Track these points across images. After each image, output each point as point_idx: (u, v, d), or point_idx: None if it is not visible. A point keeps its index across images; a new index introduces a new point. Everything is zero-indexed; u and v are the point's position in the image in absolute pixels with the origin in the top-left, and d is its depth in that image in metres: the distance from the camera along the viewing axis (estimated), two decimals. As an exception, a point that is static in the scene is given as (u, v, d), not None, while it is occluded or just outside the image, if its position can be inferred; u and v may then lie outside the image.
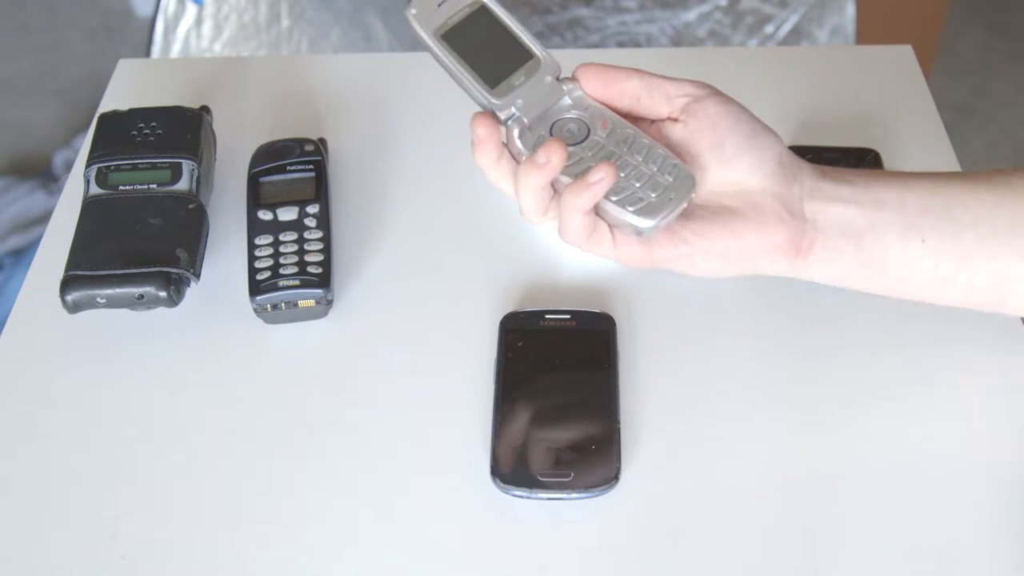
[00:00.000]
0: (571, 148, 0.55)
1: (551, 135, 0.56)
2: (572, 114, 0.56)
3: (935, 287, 0.57)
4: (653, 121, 0.57)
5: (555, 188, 0.55)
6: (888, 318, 0.68)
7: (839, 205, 0.56)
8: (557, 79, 0.56)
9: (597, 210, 0.54)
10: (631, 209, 0.53)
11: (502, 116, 0.55)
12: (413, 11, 0.55)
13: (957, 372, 0.65)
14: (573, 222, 0.53)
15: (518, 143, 0.55)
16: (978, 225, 0.56)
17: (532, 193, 0.53)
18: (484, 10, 0.56)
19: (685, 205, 0.54)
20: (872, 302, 0.69)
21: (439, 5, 0.55)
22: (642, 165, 0.54)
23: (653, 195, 0.53)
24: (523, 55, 0.56)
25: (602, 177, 0.51)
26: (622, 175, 0.54)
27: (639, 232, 0.54)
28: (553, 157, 0.52)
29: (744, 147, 0.55)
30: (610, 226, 0.55)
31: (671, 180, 0.54)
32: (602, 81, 0.56)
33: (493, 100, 0.55)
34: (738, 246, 0.55)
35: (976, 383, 0.64)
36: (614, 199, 0.53)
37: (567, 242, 0.55)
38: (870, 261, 0.56)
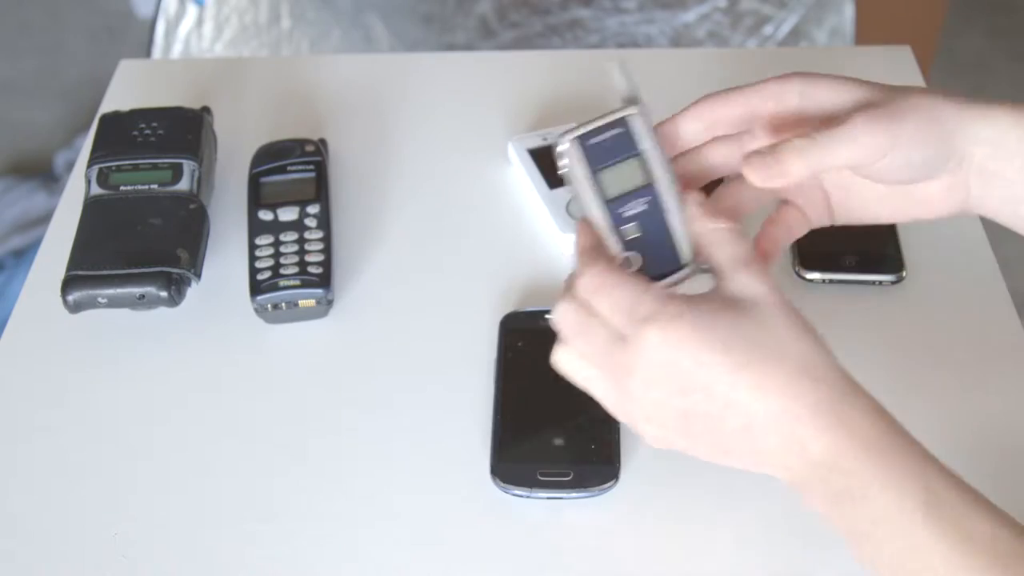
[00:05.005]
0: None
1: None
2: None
3: None
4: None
5: None
6: (885, 322, 0.68)
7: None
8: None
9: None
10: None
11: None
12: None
13: (958, 380, 0.65)
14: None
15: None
16: None
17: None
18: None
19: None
20: (869, 301, 0.69)
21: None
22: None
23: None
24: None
25: None
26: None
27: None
28: None
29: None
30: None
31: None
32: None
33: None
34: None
35: (978, 390, 0.65)
36: None
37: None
38: None
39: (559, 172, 0.53)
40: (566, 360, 0.52)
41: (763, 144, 0.54)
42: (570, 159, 0.52)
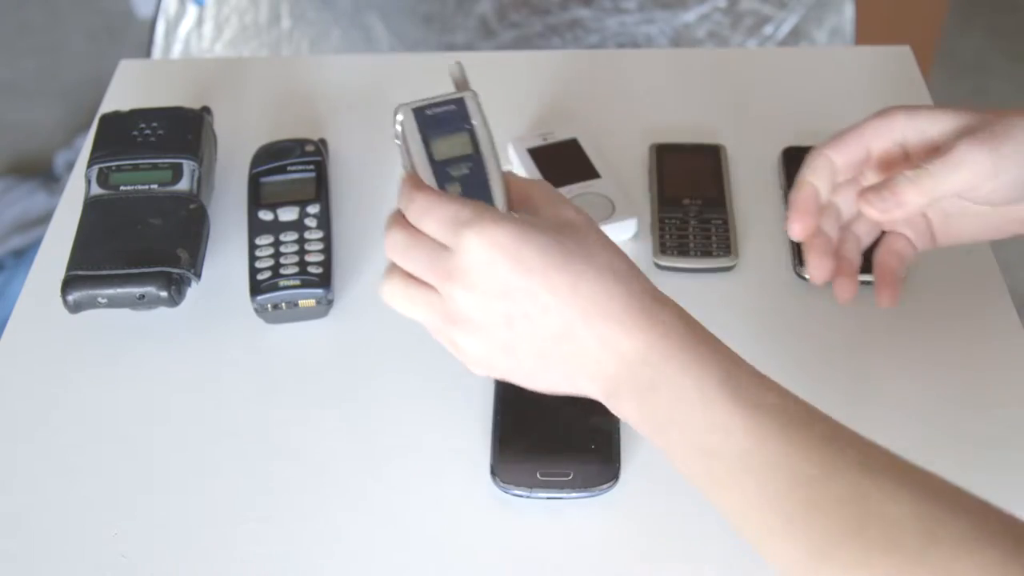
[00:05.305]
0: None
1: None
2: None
3: None
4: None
5: None
6: (885, 322, 0.68)
7: None
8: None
9: None
10: None
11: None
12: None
13: (958, 379, 0.65)
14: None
15: None
16: None
17: None
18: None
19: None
20: (869, 301, 0.69)
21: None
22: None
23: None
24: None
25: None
26: None
27: None
28: None
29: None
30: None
31: None
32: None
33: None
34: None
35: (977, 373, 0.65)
36: None
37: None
38: None
39: (394, 138, 0.60)
40: (391, 289, 0.54)
41: (874, 182, 0.58)
42: (405, 122, 0.59)
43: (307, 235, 0.70)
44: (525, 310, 0.50)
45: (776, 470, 0.46)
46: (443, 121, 0.60)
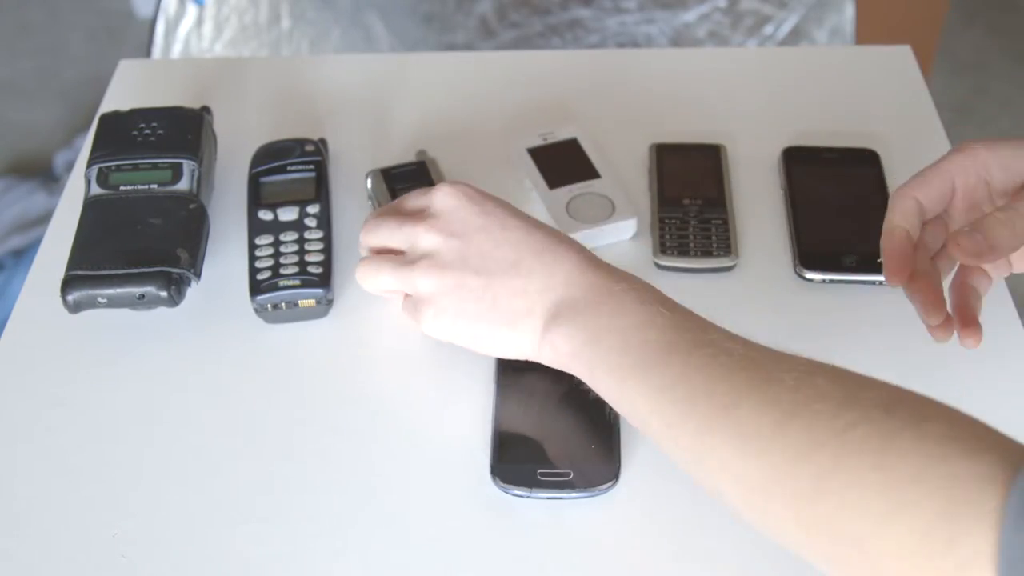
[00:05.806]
0: None
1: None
2: None
3: None
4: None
5: None
6: (885, 322, 0.68)
7: None
8: None
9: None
10: None
11: None
12: None
13: (958, 380, 0.65)
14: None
15: None
16: None
17: None
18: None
19: None
20: (869, 301, 0.69)
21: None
22: None
23: None
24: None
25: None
26: None
27: None
28: None
29: None
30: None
31: None
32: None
33: None
34: None
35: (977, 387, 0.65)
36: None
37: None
38: None
39: (367, 198, 0.76)
40: (362, 266, 0.65)
41: (961, 223, 0.59)
42: (374, 181, 0.75)
43: (307, 235, 0.70)
44: (480, 247, 0.59)
45: (700, 348, 0.52)
46: (406, 176, 0.75)
